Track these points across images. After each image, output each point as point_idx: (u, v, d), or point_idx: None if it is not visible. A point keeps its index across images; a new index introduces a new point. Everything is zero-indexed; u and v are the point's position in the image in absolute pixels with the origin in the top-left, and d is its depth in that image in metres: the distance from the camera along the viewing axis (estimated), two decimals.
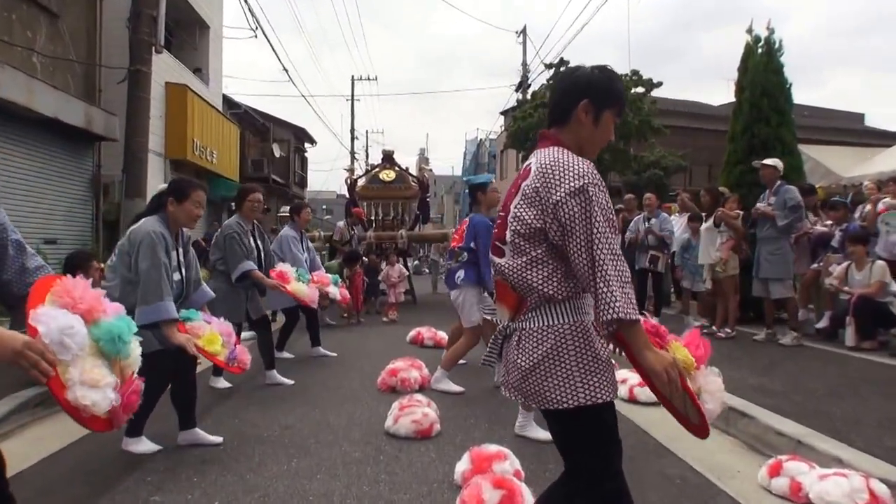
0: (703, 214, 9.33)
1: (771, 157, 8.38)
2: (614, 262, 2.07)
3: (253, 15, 23.25)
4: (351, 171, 16.66)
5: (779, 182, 8.06)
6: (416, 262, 28.50)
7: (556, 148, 2.26)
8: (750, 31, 10.25)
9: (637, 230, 10.08)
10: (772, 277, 7.93)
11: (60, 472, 4.10)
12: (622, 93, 2.39)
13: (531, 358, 2.24)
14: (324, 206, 53.34)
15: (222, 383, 6.43)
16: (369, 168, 17.79)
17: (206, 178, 17.81)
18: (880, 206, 8.40)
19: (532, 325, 2.26)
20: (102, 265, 6.32)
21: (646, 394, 5.53)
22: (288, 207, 15.32)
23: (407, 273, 14.18)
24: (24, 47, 10.61)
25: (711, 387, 2.36)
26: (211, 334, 4.43)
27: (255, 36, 20.64)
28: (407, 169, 16.15)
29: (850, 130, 32.16)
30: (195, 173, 16.87)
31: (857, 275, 7.85)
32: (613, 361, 2.27)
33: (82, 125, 11.42)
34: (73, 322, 2.36)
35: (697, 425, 2.37)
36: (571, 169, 2.15)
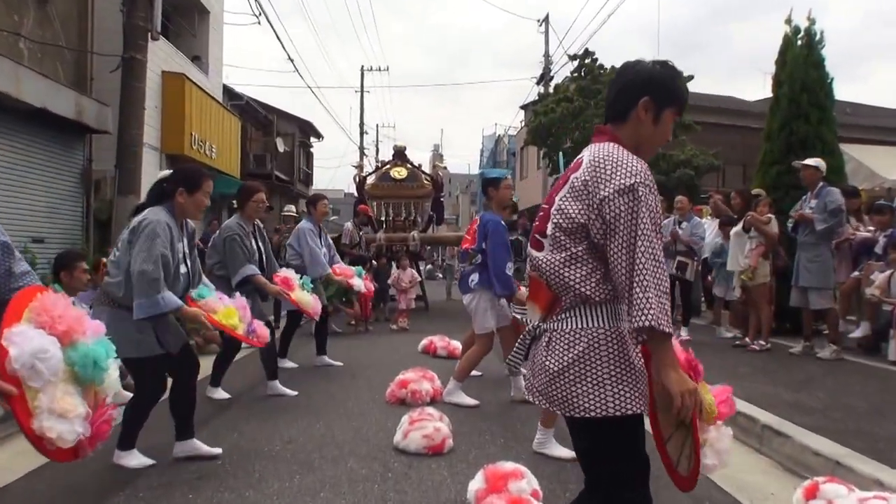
0: (735, 217, 9.32)
1: (811, 157, 8.35)
2: (655, 269, 2.10)
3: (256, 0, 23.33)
4: (360, 167, 16.67)
5: (820, 184, 8.02)
6: (430, 266, 28.54)
7: (611, 144, 2.29)
8: (789, 21, 10.23)
9: (666, 234, 10.02)
10: (811, 286, 7.89)
11: (46, 487, 4.14)
12: (684, 91, 2.43)
13: (560, 361, 2.26)
14: (330, 206, 53.46)
15: (220, 394, 6.46)
16: (379, 165, 17.79)
17: None
18: None
19: (564, 327, 2.28)
20: (105, 260, 6.37)
21: None
22: (292, 206, 15.39)
23: (419, 278, 14.19)
24: (10, 32, 10.62)
25: (720, 445, 2.38)
26: (227, 309, 4.58)
27: (259, 22, 20.66)
28: (420, 166, 16.17)
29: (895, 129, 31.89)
30: None
31: None
32: None
33: (72, 116, 11.36)
34: (47, 345, 2.36)
35: (683, 476, 2.40)
36: (624, 166, 2.18)
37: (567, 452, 4.54)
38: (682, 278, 9.90)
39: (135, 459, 4.43)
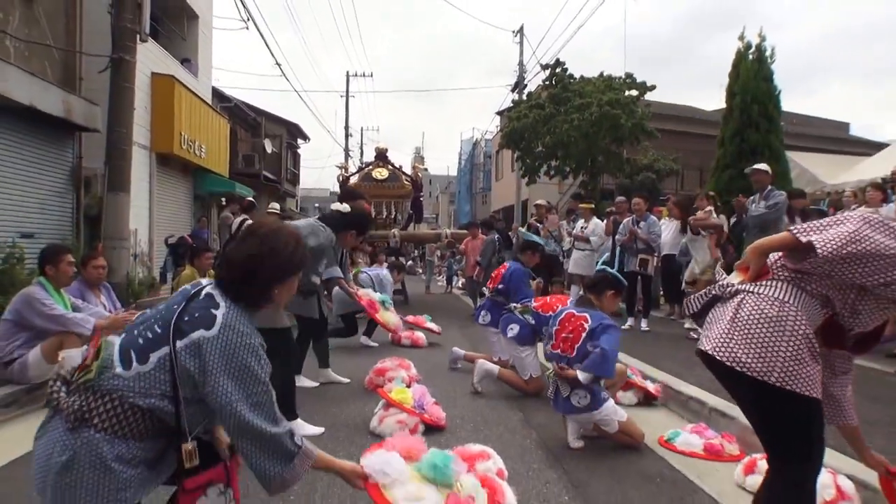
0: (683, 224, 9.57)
1: (760, 163, 8.54)
2: None
3: (244, 6, 23.10)
4: (344, 168, 16.78)
5: (769, 187, 8.21)
6: (410, 262, 28.64)
7: None
8: (741, 37, 10.45)
9: (626, 233, 10.14)
10: None
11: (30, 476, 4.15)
12: None
13: (748, 316, 2.25)
14: (316, 205, 53.25)
15: None
16: (362, 166, 17.87)
17: (194, 174, 17.93)
18: None
19: (765, 291, 2.28)
20: (102, 262, 6.32)
21: (628, 398, 5.78)
22: (275, 204, 15.31)
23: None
24: None
25: None
26: (402, 390, 5.21)
27: (247, 28, 20.49)
28: (400, 167, 16.21)
29: (836, 139, 32.92)
30: (182, 167, 16.97)
31: None
32: None
33: (61, 114, 10.99)
34: (391, 458, 2.73)
35: None
36: None
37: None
38: (644, 274, 10.00)
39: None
